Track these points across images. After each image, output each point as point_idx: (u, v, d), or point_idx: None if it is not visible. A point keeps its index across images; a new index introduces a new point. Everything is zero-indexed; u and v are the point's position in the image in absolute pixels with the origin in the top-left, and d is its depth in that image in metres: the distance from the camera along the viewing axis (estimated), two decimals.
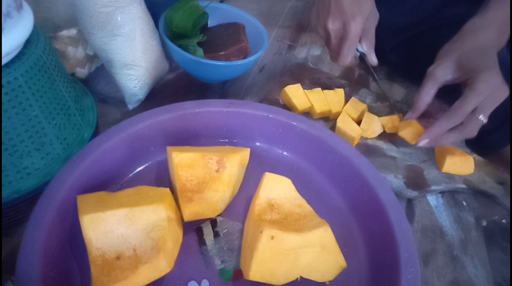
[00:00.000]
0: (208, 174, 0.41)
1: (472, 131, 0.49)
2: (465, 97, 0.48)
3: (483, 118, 0.48)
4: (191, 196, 0.40)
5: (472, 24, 0.53)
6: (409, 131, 0.56)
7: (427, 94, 0.52)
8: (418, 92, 0.54)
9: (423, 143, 0.51)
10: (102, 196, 0.38)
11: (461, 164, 0.54)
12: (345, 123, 0.56)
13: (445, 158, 0.54)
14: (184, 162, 0.40)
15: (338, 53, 0.59)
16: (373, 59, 0.60)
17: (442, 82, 0.52)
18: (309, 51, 0.77)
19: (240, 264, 0.39)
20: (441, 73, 0.51)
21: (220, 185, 0.41)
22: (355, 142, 0.56)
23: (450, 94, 0.54)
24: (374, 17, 0.58)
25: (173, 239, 0.37)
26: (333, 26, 0.56)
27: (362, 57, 0.60)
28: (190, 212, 0.40)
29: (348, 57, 0.57)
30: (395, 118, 0.59)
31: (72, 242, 0.38)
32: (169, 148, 0.43)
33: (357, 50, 0.59)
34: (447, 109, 0.50)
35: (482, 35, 0.51)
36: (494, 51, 0.51)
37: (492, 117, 0.52)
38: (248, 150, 0.46)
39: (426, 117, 0.56)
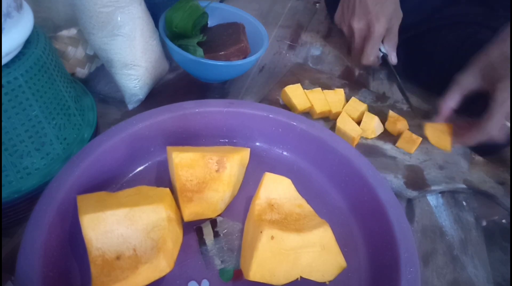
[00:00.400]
0: (208, 174, 0.41)
1: (498, 137, 0.50)
2: (490, 109, 0.49)
3: (508, 123, 0.50)
4: (191, 196, 0.40)
5: (501, 33, 0.53)
6: (403, 141, 0.57)
7: (451, 99, 0.54)
8: (443, 97, 0.55)
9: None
10: (102, 196, 0.38)
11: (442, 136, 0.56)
12: (345, 123, 0.56)
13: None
14: (184, 162, 0.40)
15: (361, 52, 0.60)
16: (392, 59, 0.61)
17: (466, 89, 0.53)
18: (309, 51, 0.77)
19: (240, 264, 0.39)
20: (466, 81, 0.53)
21: (220, 185, 0.41)
22: (355, 142, 0.56)
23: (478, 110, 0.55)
24: (397, 16, 0.59)
25: (173, 239, 0.37)
26: (358, 25, 0.57)
27: (384, 57, 0.61)
28: (190, 212, 0.40)
29: (371, 56, 0.59)
30: (401, 119, 0.59)
31: (72, 242, 0.38)
32: (169, 148, 0.43)
33: (379, 50, 0.60)
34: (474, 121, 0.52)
35: (506, 44, 0.51)
36: None
37: None
38: (248, 150, 0.46)
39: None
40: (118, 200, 0.37)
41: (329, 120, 0.60)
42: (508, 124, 0.50)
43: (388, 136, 0.59)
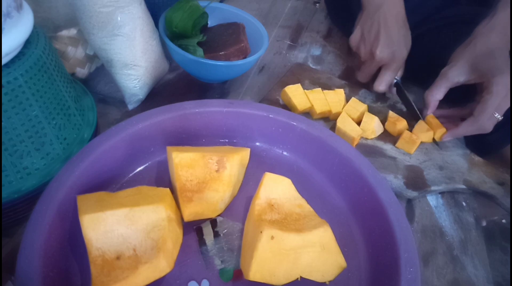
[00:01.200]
0: (208, 174, 0.41)
1: (488, 127, 0.53)
2: (485, 101, 0.52)
3: (498, 116, 0.52)
4: (191, 196, 0.40)
5: (482, 27, 0.55)
6: (403, 142, 0.57)
7: (438, 91, 0.57)
8: (429, 89, 0.58)
9: (447, 139, 0.58)
10: (102, 196, 0.38)
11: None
12: (345, 123, 0.56)
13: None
14: (184, 162, 0.40)
15: (371, 76, 0.63)
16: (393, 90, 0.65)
17: (453, 82, 0.56)
18: (309, 51, 0.77)
19: (240, 264, 0.39)
20: (454, 74, 0.55)
21: (220, 185, 0.41)
22: (355, 142, 0.56)
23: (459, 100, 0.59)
24: (408, 50, 0.62)
25: (173, 239, 0.37)
26: (381, 54, 0.60)
27: (397, 84, 0.62)
28: (190, 212, 0.40)
29: (386, 84, 0.61)
30: (401, 120, 0.59)
31: (72, 242, 0.38)
32: (169, 148, 0.43)
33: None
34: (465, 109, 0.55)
35: (491, 37, 0.53)
36: (504, 52, 0.53)
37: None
38: (248, 150, 0.46)
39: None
40: (118, 200, 0.37)
41: (329, 120, 0.60)
42: (497, 115, 0.52)
43: (388, 136, 0.59)
